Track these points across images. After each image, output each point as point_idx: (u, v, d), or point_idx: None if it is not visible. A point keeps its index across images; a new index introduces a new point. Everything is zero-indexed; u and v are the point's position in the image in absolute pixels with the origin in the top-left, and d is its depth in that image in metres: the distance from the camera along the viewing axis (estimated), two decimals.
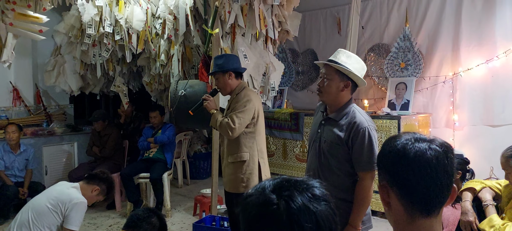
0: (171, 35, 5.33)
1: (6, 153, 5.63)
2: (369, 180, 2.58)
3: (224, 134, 3.58)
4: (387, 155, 1.37)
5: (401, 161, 1.31)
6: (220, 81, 3.68)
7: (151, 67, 6.06)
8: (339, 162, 2.65)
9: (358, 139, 2.56)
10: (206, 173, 7.84)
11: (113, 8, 5.67)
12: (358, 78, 2.63)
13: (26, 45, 6.77)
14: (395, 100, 5.66)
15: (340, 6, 6.63)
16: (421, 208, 1.30)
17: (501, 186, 3.14)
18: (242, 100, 3.58)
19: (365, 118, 2.62)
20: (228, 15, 4.68)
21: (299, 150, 6.14)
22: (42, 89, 7.08)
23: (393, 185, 1.34)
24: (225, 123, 3.49)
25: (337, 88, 2.64)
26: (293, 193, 1.10)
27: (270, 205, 1.09)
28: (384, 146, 1.41)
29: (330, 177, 2.66)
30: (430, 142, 1.32)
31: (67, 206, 3.43)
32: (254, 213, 1.12)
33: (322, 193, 1.14)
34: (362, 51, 6.22)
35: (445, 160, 1.30)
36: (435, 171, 1.28)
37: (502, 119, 5.11)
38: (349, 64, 2.61)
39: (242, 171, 3.62)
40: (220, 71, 3.65)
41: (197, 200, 5.64)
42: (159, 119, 6.20)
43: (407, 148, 1.31)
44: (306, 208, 1.08)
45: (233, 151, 3.64)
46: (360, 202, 2.59)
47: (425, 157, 1.29)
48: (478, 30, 5.28)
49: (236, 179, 3.64)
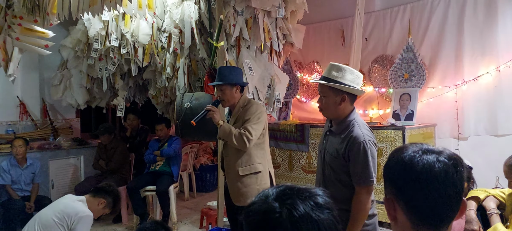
0: (177, 49, 5.37)
1: (12, 167, 5.66)
2: (364, 195, 2.58)
3: (239, 145, 3.51)
4: (393, 167, 1.32)
5: (409, 175, 1.26)
6: (227, 93, 3.65)
7: (157, 80, 6.10)
8: (339, 174, 2.68)
9: (354, 152, 2.57)
10: (212, 185, 7.84)
11: (119, 22, 5.74)
12: (352, 89, 2.64)
13: (33, 60, 6.86)
14: (400, 111, 5.67)
15: (344, 19, 6.68)
16: (429, 224, 1.26)
17: (505, 195, 3.14)
18: (255, 112, 3.58)
19: (363, 132, 2.61)
20: (233, 28, 4.73)
21: (305, 161, 6.15)
22: (48, 103, 7.14)
23: (400, 199, 1.29)
24: (243, 134, 3.46)
25: (334, 104, 2.67)
26: (295, 201, 1.11)
27: (273, 213, 1.10)
28: (390, 157, 1.36)
29: (332, 188, 2.69)
30: (438, 154, 1.27)
31: (73, 219, 3.45)
32: (257, 220, 1.13)
33: (325, 201, 1.15)
34: (366, 63, 6.26)
35: (455, 173, 1.25)
36: (444, 185, 1.23)
37: (506, 128, 5.11)
38: (341, 77, 2.63)
39: (257, 182, 3.61)
40: (228, 83, 3.64)
41: (204, 212, 5.64)
42: (165, 132, 6.23)
43: (415, 161, 1.26)
44: (308, 216, 1.09)
45: (245, 163, 3.61)
46: (356, 215, 2.59)
47: (433, 170, 1.23)
48: (481, 40, 5.30)
49: (251, 191, 3.59)
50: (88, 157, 7.01)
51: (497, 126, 5.18)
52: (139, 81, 6.99)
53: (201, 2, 5.00)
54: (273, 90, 5.13)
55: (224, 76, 3.66)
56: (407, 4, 5.97)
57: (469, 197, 3.27)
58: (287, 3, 5.05)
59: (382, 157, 5.23)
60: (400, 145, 5.08)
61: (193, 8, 5.04)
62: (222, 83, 3.65)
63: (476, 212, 3.14)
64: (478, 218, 3.10)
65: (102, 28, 5.88)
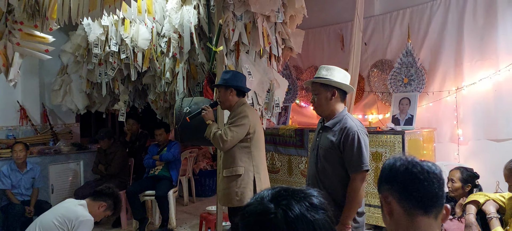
0: (176, 53, 5.38)
1: (12, 172, 5.65)
2: (359, 181, 2.81)
3: (216, 145, 3.72)
4: (384, 170, 1.56)
5: (409, 175, 1.48)
6: (221, 95, 3.81)
7: (157, 85, 6.10)
8: (333, 166, 2.90)
9: (348, 142, 2.81)
10: (211, 190, 7.83)
11: (119, 27, 5.76)
12: (341, 84, 2.94)
13: (34, 65, 6.88)
14: (399, 115, 5.67)
15: (343, 23, 6.69)
16: (419, 206, 1.45)
17: (505, 199, 3.14)
18: (238, 115, 3.69)
19: (356, 123, 2.88)
20: (232, 33, 4.73)
21: (304, 166, 6.14)
22: (48, 108, 7.15)
23: (394, 191, 1.48)
24: (218, 135, 3.62)
25: (326, 99, 2.97)
26: (290, 202, 1.12)
27: (268, 214, 1.11)
28: (385, 166, 1.56)
29: (326, 181, 2.93)
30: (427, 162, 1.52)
31: (74, 223, 3.46)
32: (253, 221, 1.14)
33: (320, 202, 1.16)
34: (365, 67, 6.26)
35: (428, 172, 1.48)
36: (439, 182, 1.48)
37: (506, 133, 5.10)
38: (330, 75, 2.96)
39: (237, 184, 3.69)
40: (223, 85, 3.77)
41: (203, 217, 5.62)
42: (165, 137, 6.24)
43: (415, 164, 1.50)
44: (303, 217, 1.10)
45: (228, 165, 3.74)
46: (351, 201, 2.82)
47: (433, 170, 1.48)
48: (481, 45, 5.30)
49: (230, 193, 3.71)
50: (88, 161, 7.00)
51: (497, 130, 5.17)
52: (138, 86, 7.00)
53: (200, 7, 5.02)
54: (272, 95, 5.13)
55: (221, 78, 3.85)
56: (407, 9, 5.98)
57: (468, 201, 3.27)
58: (286, 8, 5.05)
59: (381, 161, 5.23)
60: (399, 150, 5.08)
61: (192, 13, 5.06)
62: (218, 84, 3.88)
63: (476, 216, 3.13)
64: (477, 222, 3.10)
65: (102, 33, 5.89)
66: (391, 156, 1.66)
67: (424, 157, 5.33)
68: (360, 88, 6.32)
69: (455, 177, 3.84)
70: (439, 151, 5.64)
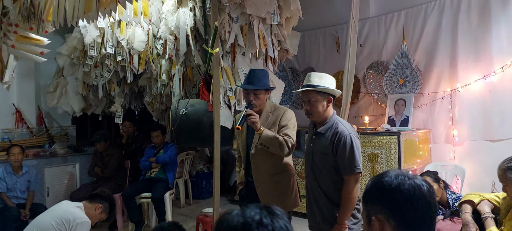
0: (172, 55, 5.38)
1: (8, 175, 5.63)
2: (352, 183, 2.90)
3: (282, 151, 3.37)
4: (381, 190, 1.48)
5: (399, 195, 1.43)
6: (261, 98, 3.51)
7: (153, 87, 6.10)
8: (329, 170, 3.00)
9: (340, 146, 2.89)
10: (208, 192, 7.83)
11: (115, 29, 5.75)
12: (335, 91, 3.02)
13: (29, 68, 6.85)
14: (395, 116, 5.70)
15: (339, 25, 6.71)
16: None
17: (499, 198, 3.15)
18: (291, 119, 3.53)
19: (347, 127, 2.96)
20: (228, 35, 4.74)
21: (300, 167, 6.15)
22: (44, 110, 7.13)
23: (390, 217, 1.44)
24: (287, 140, 3.36)
25: (323, 107, 3.03)
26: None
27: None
28: (375, 181, 1.53)
29: (323, 184, 3.05)
30: (418, 179, 1.47)
31: (71, 224, 3.48)
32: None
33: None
34: (361, 69, 6.29)
35: (433, 194, 1.47)
36: (429, 203, 1.44)
37: (501, 133, 5.12)
38: (324, 83, 3.01)
39: (290, 187, 3.61)
40: (263, 88, 3.50)
41: (199, 219, 5.62)
42: (161, 139, 6.24)
43: (402, 182, 1.45)
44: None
45: (278, 169, 3.55)
46: (346, 202, 2.91)
47: (421, 190, 1.44)
48: (475, 46, 5.33)
49: (286, 197, 3.58)
50: (84, 164, 6.99)
51: (492, 130, 5.20)
52: (134, 88, 6.99)
53: (196, 9, 5.02)
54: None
55: (259, 80, 3.50)
56: (402, 10, 6.01)
57: (463, 200, 3.29)
58: (282, 10, 5.06)
59: (377, 162, 5.25)
60: (395, 151, 5.10)
61: (189, 15, 5.06)
62: (258, 88, 3.48)
63: (471, 215, 3.15)
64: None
65: (98, 35, 5.89)
66: (390, 170, 1.59)
67: (420, 158, 5.37)
68: (356, 89, 6.33)
69: (429, 181, 3.88)
70: (435, 152, 5.66)
